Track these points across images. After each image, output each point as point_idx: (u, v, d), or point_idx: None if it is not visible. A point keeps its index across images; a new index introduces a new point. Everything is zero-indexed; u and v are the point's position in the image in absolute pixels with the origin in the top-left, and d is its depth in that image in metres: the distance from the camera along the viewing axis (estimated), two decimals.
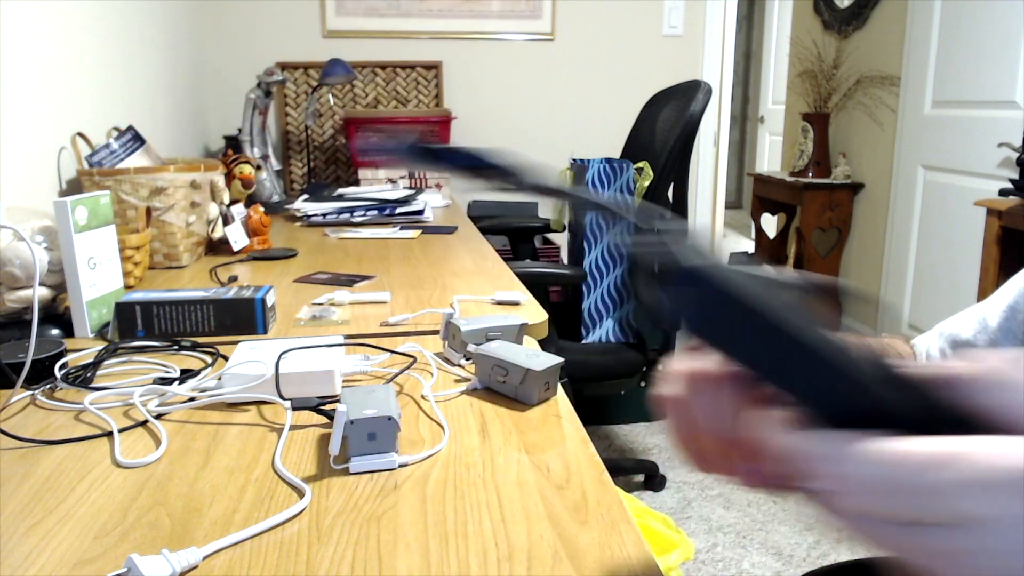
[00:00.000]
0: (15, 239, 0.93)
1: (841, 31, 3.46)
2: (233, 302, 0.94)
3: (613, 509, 0.54)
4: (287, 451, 0.64)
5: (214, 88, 2.54)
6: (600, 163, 1.73)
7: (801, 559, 1.89)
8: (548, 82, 2.71)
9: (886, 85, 3.16)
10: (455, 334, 0.85)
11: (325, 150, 2.62)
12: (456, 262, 1.41)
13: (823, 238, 3.58)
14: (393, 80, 2.61)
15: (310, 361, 0.75)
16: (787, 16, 4.64)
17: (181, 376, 0.80)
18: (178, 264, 1.38)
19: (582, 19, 2.68)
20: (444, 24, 2.60)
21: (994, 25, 2.53)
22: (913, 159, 2.97)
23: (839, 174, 3.41)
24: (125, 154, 1.47)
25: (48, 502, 0.56)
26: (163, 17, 2.07)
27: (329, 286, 1.22)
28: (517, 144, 2.73)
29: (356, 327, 0.99)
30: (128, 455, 0.63)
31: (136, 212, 1.31)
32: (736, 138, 6.67)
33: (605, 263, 1.77)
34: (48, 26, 1.37)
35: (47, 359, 0.80)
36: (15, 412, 0.73)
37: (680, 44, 2.75)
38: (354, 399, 0.62)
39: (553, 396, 0.75)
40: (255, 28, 2.52)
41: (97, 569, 0.48)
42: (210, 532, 0.52)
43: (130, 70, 1.79)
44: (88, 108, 1.53)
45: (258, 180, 2.11)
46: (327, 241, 1.66)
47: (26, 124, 1.27)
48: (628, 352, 1.77)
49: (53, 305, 0.99)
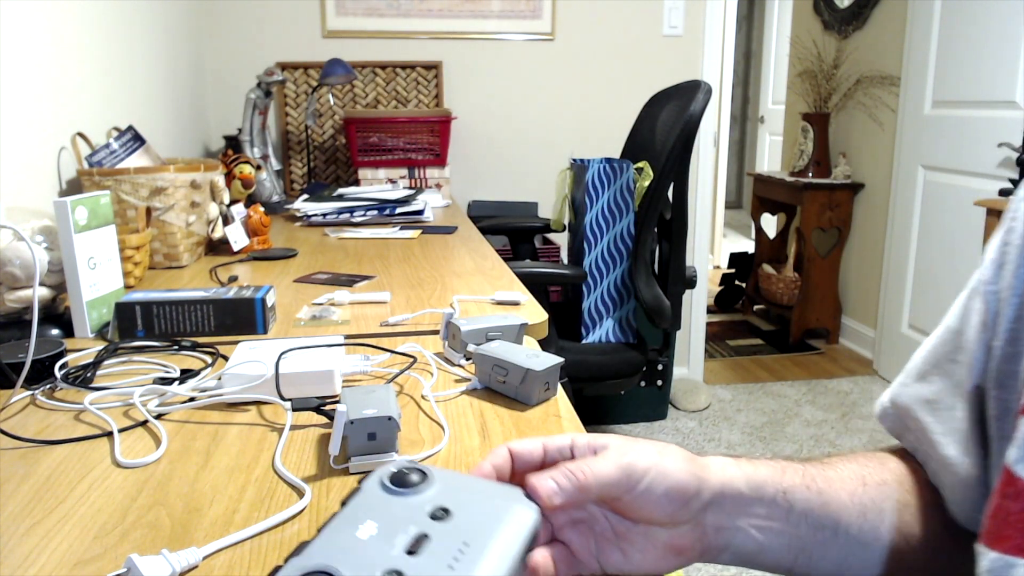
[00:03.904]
0: (15, 239, 0.93)
1: (841, 31, 3.46)
2: (233, 302, 0.94)
3: None
4: (287, 451, 0.64)
5: (214, 88, 2.54)
6: (600, 163, 1.73)
7: None
8: (548, 82, 2.71)
9: (886, 85, 3.16)
10: (455, 334, 0.85)
11: (325, 150, 2.62)
12: (456, 262, 1.41)
13: (823, 238, 3.58)
14: (393, 80, 2.61)
15: (310, 361, 0.75)
16: (787, 16, 4.64)
17: (181, 376, 0.80)
18: (178, 264, 1.38)
19: (582, 19, 2.68)
20: (444, 24, 2.60)
21: (994, 25, 2.53)
22: (913, 159, 2.97)
23: (839, 174, 3.41)
24: (125, 154, 1.47)
25: (48, 502, 0.56)
26: (163, 17, 2.07)
27: (329, 286, 1.22)
28: (517, 144, 2.73)
29: (356, 327, 0.99)
30: (128, 455, 0.63)
31: (136, 212, 1.31)
32: (736, 138, 6.67)
33: (605, 263, 1.77)
34: (48, 26, 1.37)
35: (47, 359, 0.80)
36: (15, 412, 0.73)
37: (680, 44, 2.75)
38: (354, 399, 0.62)
39: (553, 396, 0.75)
40: (255, 28, 2.52)
41: (97, 569, 0.48)
42: (210, 532, 0.52)
43: (130, 70, 1.79)
44: (88, 108, 1.53)
45: (258, 180, 2.11)
46: (327, 241, 1.66)
47: (26, 124, 1.27)
48: (628, 352, 1.77)
49: (53, 305, 0.99)
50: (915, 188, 2.96)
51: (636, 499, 0.44)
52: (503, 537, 0.37)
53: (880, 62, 3.20)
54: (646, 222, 1.72)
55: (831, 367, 3.26)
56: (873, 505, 0.51)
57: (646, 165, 1.70)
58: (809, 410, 2.80)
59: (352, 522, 0.36)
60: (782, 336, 3.66)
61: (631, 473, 0.43)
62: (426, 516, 0.37)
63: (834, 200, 3.41)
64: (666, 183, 1.68)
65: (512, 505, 0.40)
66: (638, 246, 1.74)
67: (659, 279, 1.80)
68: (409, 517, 0.37)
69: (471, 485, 0.41)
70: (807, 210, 3.40)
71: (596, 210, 1.75)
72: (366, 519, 0.36)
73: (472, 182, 2.74)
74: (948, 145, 2.77)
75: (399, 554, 0.34)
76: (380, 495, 0.38)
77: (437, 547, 0.35)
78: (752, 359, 3.38)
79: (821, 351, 3.46)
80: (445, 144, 2.40)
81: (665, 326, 1.75)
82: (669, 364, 2.72)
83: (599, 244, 1.76)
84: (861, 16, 3.31)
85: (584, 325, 1.79)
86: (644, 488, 0.44)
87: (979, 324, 0.47)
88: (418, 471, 0.39)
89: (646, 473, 0.44)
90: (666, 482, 0.44)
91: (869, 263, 3.34)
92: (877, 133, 3.25)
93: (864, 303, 3.40)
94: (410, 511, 0.37)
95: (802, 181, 3.41)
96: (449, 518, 0.37)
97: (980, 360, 0.46)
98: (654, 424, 2.70)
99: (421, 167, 2.40)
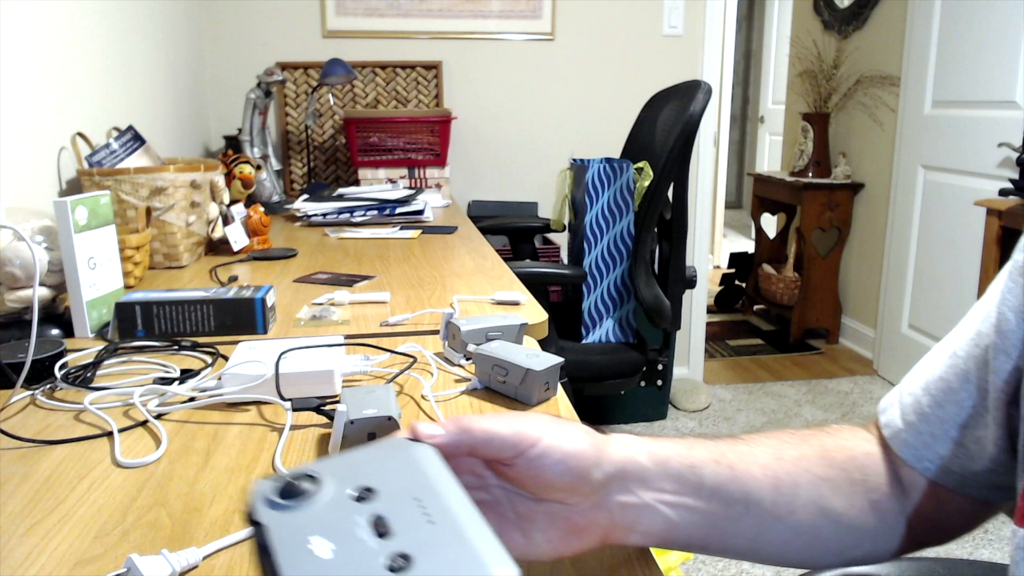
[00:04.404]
0: (15, 239, 0.93)
1: (841, 31, 3.46)
2: (233, 302, 0.94)
3: None
4: (287, 451, 0.64)
5: (214, 88, 2.54)
6: (600, 163, 1.73)
7: None
8: (548, 82, 2.71)
9: (886, 85, 3.16)
10: (455, 334, 0.85)
11: (325, 150, 2.62)
12: (456, 262, 1.41)
13: (823, 238, 3.58)
14: (393, 80, 2.61)
15: (310, 361, 0.75)
16: (787, 16, 4.64)
17: (181, 376, 0.80)
18: (178, 264, 1.38)
19: (582, 19, 2.68)
20: (444, 24, 2.60)
21: (994, 25, 2.53)
22: (913, 159, 2.97)
23: (839, 174, 3.41)
24: (125, 154, 1.47)
25: (48, 502, 0.56)
26: (163, 17, 2.07)
27: (329, 286, 1.22)
28: (517, 144, 2.73)
29: (356, 327, 0.99)
30: (128, 455, 0.63)
31: (136, 212, 1.31)
32: (736, 138, 6.67)
33: (605, 263, 1.77)
34: (48, 26, 1.37)
35: (47, 359, 0.80)
36: (15, 412, 0.73)
37: (680, 44, 2.75)
38: (354, 399, 0.62)
39: (553, 396, 0.75)
40: (255, 28, 2.52)
41: (97, 569, 0.48)
42: (210, 532, 0.52)
43: (130, 70, 1.79)
44: (88, 108, 1.53)
45: (258, 180, 2.11)
46: (327, 241, 1.66)
47: (26, 124, 1.27)
48: (628, 352, 1.77)
49: (53, 305, 0.99)
50: (915, 188, 2.96)
51: (531, 465, 0.42)
52: (435, 475, 0.36)
53: (880, 62, 3.20)
54: (646, 222, 1.72)
55: (831, 367, 3.26)
56: (788, 479, 0.50)
57: (646, 165, 1.70)
58: (809, 410, 2.80)
59: (298, 552, 0.32)
60: (782, 336, 3.66)
61: (522, 433, 0.42)
62: (356, 503, 0.35)
63: (834, 200, 3.41)
64: (666, 183, 1.68)
65: (412, 451, 0.38)
66: (638, 246, 1.74)
67: (659, 279, 1.80)
68: (343, 514, 0.34)
69: (358, 457, 0.38)
70: (807, 210, 3.40)
71: (596, 210, 1.75)
72: (306, 540, 0.33)
73: (472, 182, 2.74)
74: (948, 145, 2.77)
75: (378, 544, 0.32)
76: (290, 516, 0.34)
77: (400, 518, 0.33)
78: (752, 359, 3.38)
79: (821, 351, 3.46)
80: (445, 144, 2.40)
81: (665, 326, 1.75)
82: (669, 364, 2.72)
83: (599, 244, 1.76)
84: (861, 16, 3.31)
85: (584, 325, 1.79)
86: (538, 453, 0.42)
87: (1018, 305, 0.47)
88: (298, 477, 0.36)
89: (539, 439, 0.42)
90: (561, 450, 0.43)
91: (869, 263, 3.34)
92: (877, 133, 3.25)
93: (864, 303, 3.40)
94: (336, 509, 0.34)
95: (802, 181, 3.41)
96: (376, 492, 0.35)
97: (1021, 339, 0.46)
98: (654, 424, 2.70)
99: (421, 167, 2.40)
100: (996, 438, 0.49)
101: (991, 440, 0.49)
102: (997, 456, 0.49)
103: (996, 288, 0.51)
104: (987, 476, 0.51)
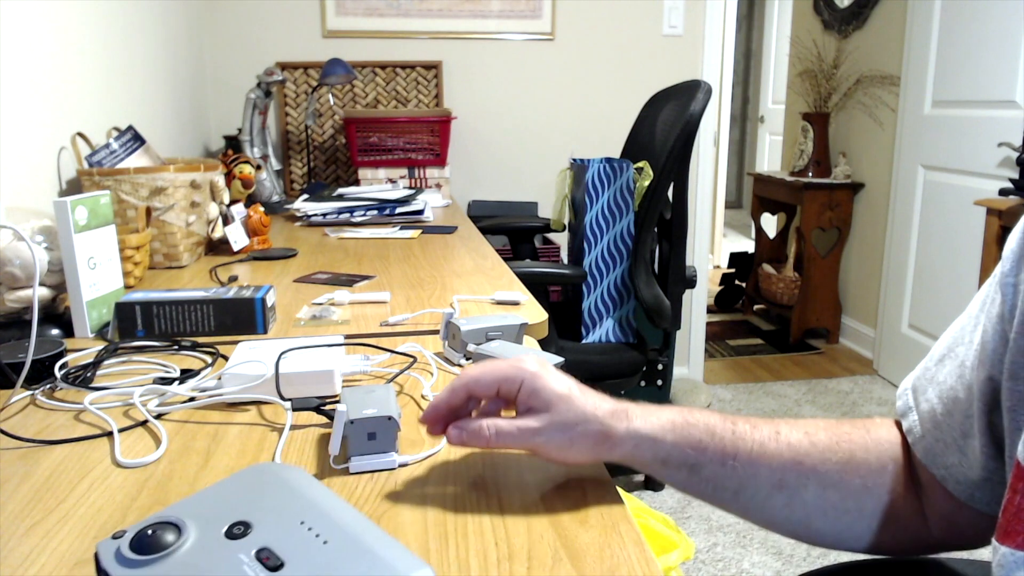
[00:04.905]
0: (15, 239, 0.93)
1: (841, 31, 3.46)
2: (233, 302, 0.94)
3: (613, 509, 0.54)
4: (287, 451, 0.64)
5: (214, 88, 2.54)
6: (600, 163, 1.73)
7: (801, 559, 1.89)
8: (548, 82, 2.71)
9: (886, 85, 3.16)
10: (455, 334, 0.85)
11: (325, 150, 2.62)
12: (456, 262, 1.41)
13: (823, 238, 3.58)
14: (393, 80, 2.61)
15: (310, 361, 0.75)
16: (787, 16, 4.64)
17: (181, 376, 0.80)
18: (178, 264, 1.38)
19: (582, 19, 2.68)
20: (444, 24, 2.60)
21: (994, 25, 2.53)
22: (913, 159, 2.97)
23: (839, 174, 3.41)
24: (125, 154, 1.47)
25: (48, 502, 0.56)
26: (163, 17, 2.07)
27: (329, 286, 1.22)
28: (517, 144, 2.73)
29: (356, 327, 0.99)
30: (128, 455, 0.63)
31: (136, 212, 1.31)
32: (736, 138, 6.67)
33: (605, 263, 1.77)
34: (48, 26, 1.37)
35: (47, 359, 0.80)
36: (15, 412, 0.73)
37: (680, 44, 2.74)
38: (354, 399, 0.62)
39: None
40: (255, 28, 2.52)
41: None
42: None
43: (130, 70, 1.79)
44: (88, 108, 1.53)
45: (258, 180, 2.11)
46: (327, 241, 1.66)
47: (26, 124, 1.27)
48: (628, 352, 1.77)
49: (53, 305, 0.99)
50: (915, 188, 2.96)
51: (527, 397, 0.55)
52: (313, 494, 0.35)
53: (880, 62, 3.20)
54: (646, 222, 1.72)
55: (831, 367, 3.26)
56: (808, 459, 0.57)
57: (646, 165, 1.70)
58: (809, 410, 2.80)
59: None
60: (782, 336, 3.66)
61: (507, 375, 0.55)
62: (232, 541, 0.32)
63: (834, 200, 3.41)
64: (666, 183, 1.68)
65: (281, 473, 0.37)
66: (638, 246, 1.74)
67: (659, 279, 1.80)
68: (221, 555, 0.31)
69: (220, 492, 0.37)
70: (807, 210, 3.40)
71: (596, 210, 1.75)
72: None
73: (472, 182, 2.74)
74: (948, 145, 2.77)
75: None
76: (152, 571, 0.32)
77: (288, 545, 0.31)
78: (752, 359, 3.38)
79: (821, 351, 3.46)
80: (445, 144, 2.40)
81: (665, 326, 1.75)
82: (669, 364, 2.72)
83: (599, 244, 1.76)
84: (861, 16, 3.31)
85: (584, 325, 1.79)
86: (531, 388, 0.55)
87: (997, 315, 0.47)
88: (153, 527, 0.33)
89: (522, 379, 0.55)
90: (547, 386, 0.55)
91: (869, 263, 3.34)
92: (877, 133, 3.25)
93: (864, 303, 3.40)
94: (210, 552, 0.32)
95: (802, 181, 3.41)
96: (251, 525, 0.33)
97: (996, 351, 0.47)
98: None
99: (421, 167, 2.40)
100: (982, 445, 0.49)
101: (979, 448, 0.50)
102: (987, 464, 0.50)
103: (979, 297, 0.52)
104: (988, 487, 0.51)
